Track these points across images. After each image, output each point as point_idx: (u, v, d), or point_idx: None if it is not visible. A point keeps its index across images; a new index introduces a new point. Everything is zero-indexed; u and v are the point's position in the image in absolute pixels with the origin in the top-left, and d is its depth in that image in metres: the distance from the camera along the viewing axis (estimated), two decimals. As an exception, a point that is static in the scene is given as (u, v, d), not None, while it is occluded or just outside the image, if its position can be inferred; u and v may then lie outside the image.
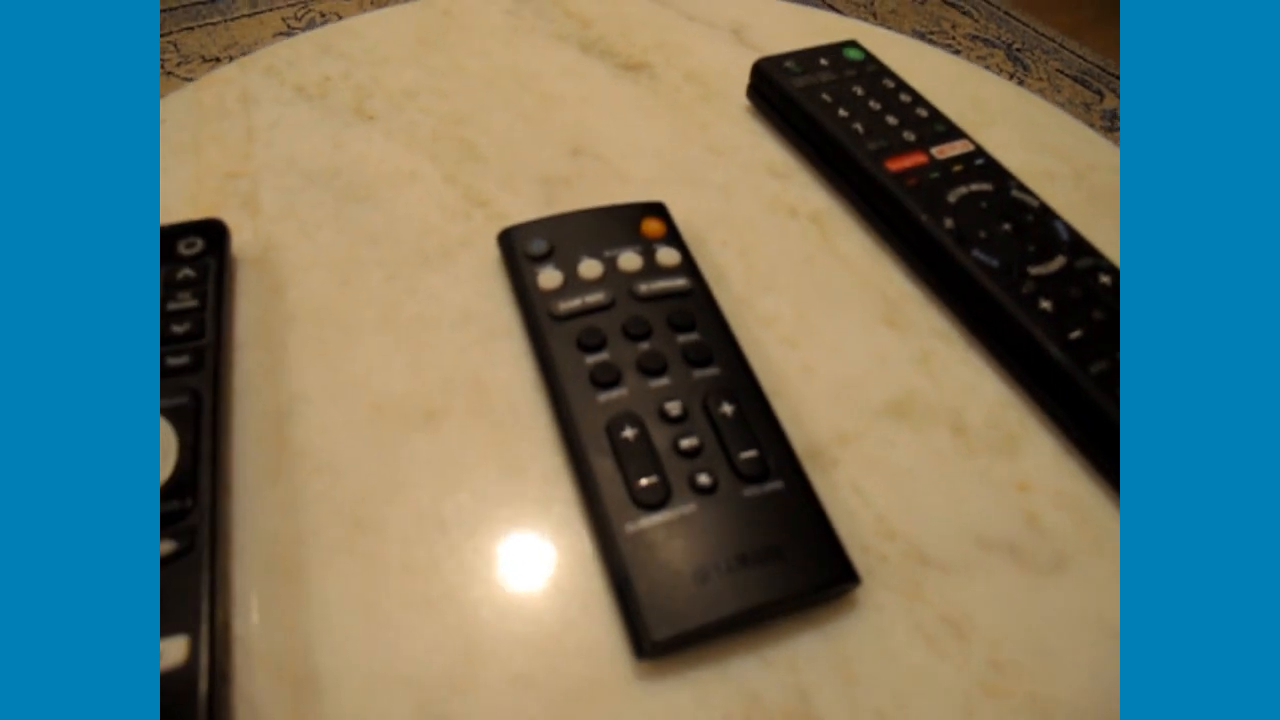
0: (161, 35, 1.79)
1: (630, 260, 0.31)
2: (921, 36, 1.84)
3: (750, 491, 0.25)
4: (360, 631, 0.23)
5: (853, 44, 0.42)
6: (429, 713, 0.22)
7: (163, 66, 1.72)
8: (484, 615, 0.24)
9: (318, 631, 0.23)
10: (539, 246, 0.31)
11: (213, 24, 1.82)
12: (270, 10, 1.85)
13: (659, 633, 0.23)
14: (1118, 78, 1.75)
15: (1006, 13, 1.92)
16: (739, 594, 0.23)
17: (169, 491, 0.24)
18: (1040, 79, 1.73)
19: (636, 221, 0.33)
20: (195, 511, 0.23)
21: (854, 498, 0.27)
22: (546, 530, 0.26)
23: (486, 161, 0.37)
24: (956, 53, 1.78)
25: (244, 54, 1.74)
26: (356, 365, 0.29)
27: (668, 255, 0.31)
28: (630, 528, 0.24)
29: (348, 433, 0.27)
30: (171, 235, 0.30)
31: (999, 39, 1.85)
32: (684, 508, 0.25)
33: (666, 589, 0.23)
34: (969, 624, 0.25)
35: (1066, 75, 1.74)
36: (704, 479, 0.25)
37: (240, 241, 0.33)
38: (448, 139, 0.38)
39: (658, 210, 0.33)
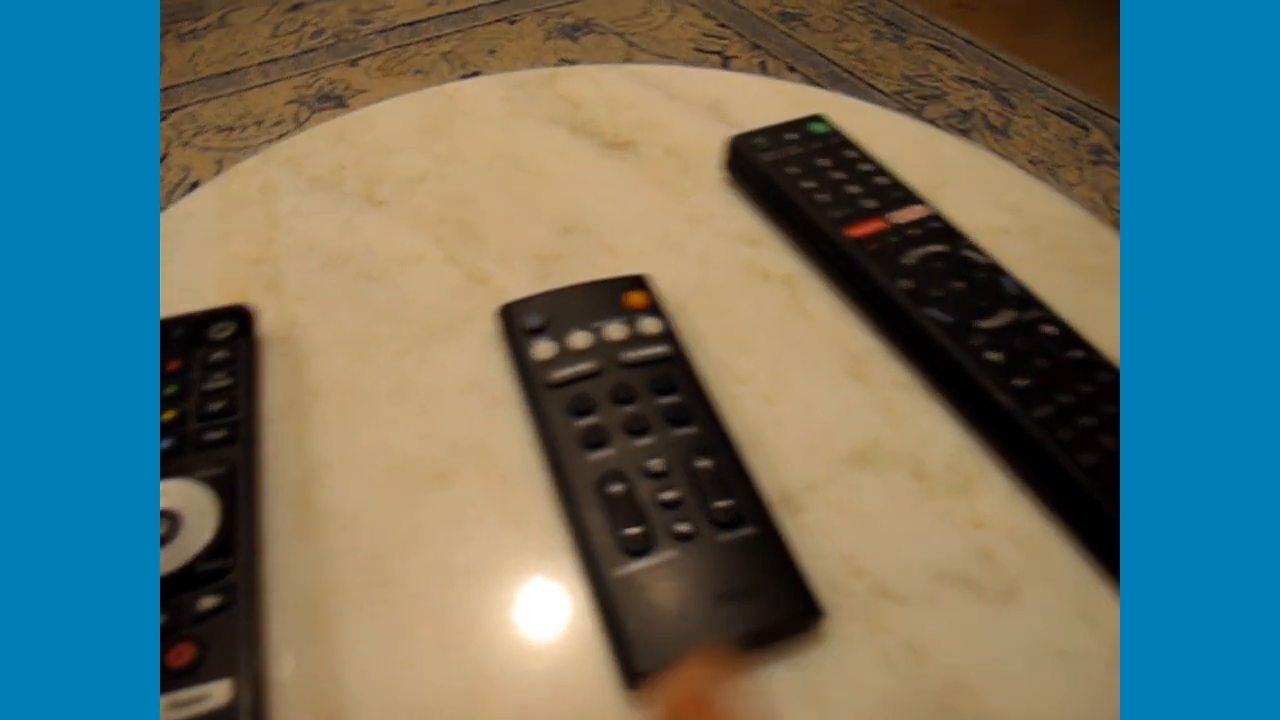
0: (179, 107, 1.86)
1: (616, 330, 0.34)
2: (910, 80, 1.89)
3: (725, 537, 0.28)
4: (382, 672, 0.26)
5: (818, 118, 0.46)
6: (444, 742, 0.25)
7: (180, 136, 1.78)
8: (491, 654, 0.27)
9: (344, 673, 0.26)
10: (534, 320, 0.35)
11: (227, 95, 1.89)
12: (280, 80, 1.92)
13: (642, 665, 0.26)
14: (1103, 113, 1.79)
15: (992, 54, 1.98)
16: (716, 629, 0.26)
17: (211, 553, 0.27)
18: (1027, 116, 1.77)
19: (620, 294, 0.36)
20: (235, 570, 0.27)
21: (822, 539, 0.30)
22: (545, 576, 0.29)
23: (485, 241, 0.40)
24: (943, 95, 1.83)
25: (256, 123, 1.81)
26: (374, 432, 0.33)
27: (650, 324, 0.35)
28: (618, 572, 0.28)
29: (367, 494, 0.31)
30: (204, 321, 0.34)
31: (985, 80, 1.90)
32: (666, 553, 0.28)
33: (651, 626, 0.26)
34: (927, 650, 0.28)
35: (1053, 112, 1.79)
36: (683, 527, 0.29)
37: (266, 321, 0.36)
38: (450, 221, 0.41)
39: (639, 283, 0.37)
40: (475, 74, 1.93)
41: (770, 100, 0.50)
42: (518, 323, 0.35)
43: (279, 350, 0.35)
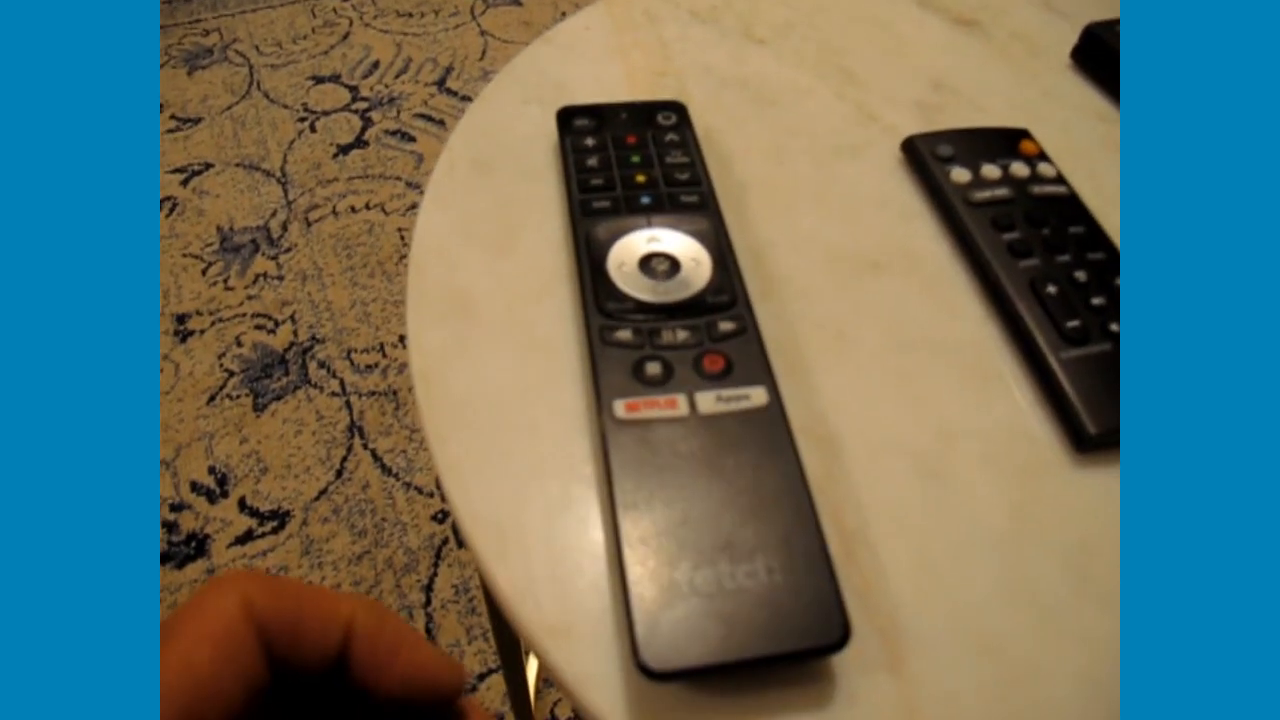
0: (360, -13, 1.90)
1: (1020, 169, 0.38)
2: None
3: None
4: (857, 410, 0.31)
5: (1168, 14, 0.48)
6: (922, 469, 0.29)
7: (361, 17, 1.84)
8: (949, 415, 0.31)
9: (826, 408, 0.31)
10: (945, 150, 0.38)
11: (405, -20, 1.93)
12: (457, -28, 1.95)
13: (1094, 428, 0.29)
14: None
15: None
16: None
17: (715, 288, 0.31)
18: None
19: (1015, 141, 0.39)
20: (738, 302, 0.31)
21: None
22: (985, 359, 0.33)
23: (866, 85, 0.44)
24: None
25: (434, 11, 1.85)
26: (807, 222, 0.37)
27: (1046, 169, 0.38)
28: (1064, 355, 0.31)
29: (812, 270, 0.35)
30: (650, 108, 0.38)
31: None
32: (1101, 346, 0.32)
33: (1097, 399, 0.30)
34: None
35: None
36: (1113, 326, 0.32)
37: (682, 128, 0.40)
38: (830, 65, 0.45)
39: (1028, 135, 0.40)
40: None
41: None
42: (929, 151, 0.38)
43: (704, 150, 0.39)
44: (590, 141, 0.37)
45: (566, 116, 0.38)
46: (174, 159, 1.53)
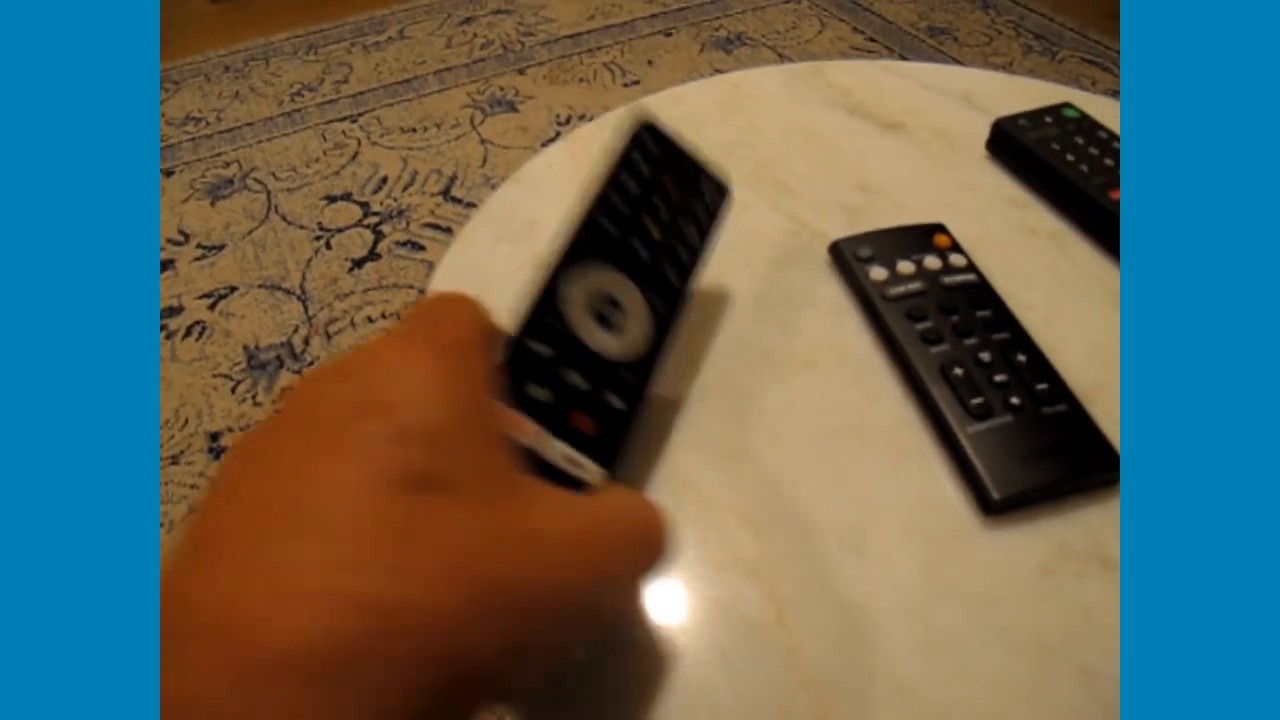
0: (367, 111, 2.02)
1: (932, 262, 0.43)
2: (1061, 97, 1.91)
3: (1045, 410, 0.36)
4: (790, 494, 0.35)
5: (1069, 105, 0.53)
6: (846, 543, 0.34)
7: (369, 136, 1.95)
8: (869, 492, 0.36)
9: (762, 495, 0.35)
10: (865, 251, 0.43)
11: (408, 100, 2.05)
12: (455, 86, 2.07)
13: (999, 492, 0.34)
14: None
15: (1146, 72, 1.98)
16: (1043, 473, 0.34)
17: (631, 366, 0.36)
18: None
19: (929, 236, 0.44)
20: (640, 388, 0.35)
21: (1111, 424, 0.38)
22: (901, 437, 0.37)
23: (797, 195, 0.49)
24: (1098, 111, 1.84)
25: (436, 125, 1.95)
26: (746, 330, 0.42)
27: (957, 259, 0.43)
28: (970, 429, 0.36)
29: (750, 372, 0.40)
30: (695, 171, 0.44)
31: (1139, 97, 1.90)
32: (1003, 419, 0.36)
33: (1000, 467, 0.35)
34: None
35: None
36: (1015, 400, 0.37)
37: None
38: (765, 179, 0.51)
39: (942, 229, 0.45)
40: (635, 83, 2.05)
41: (1013, 93, 0.58)
42: (851, 253, 0.44)
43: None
44: (645, 169, 0.36)
45: (646, 131, 0.37)
46: (201, 285, 1.62)
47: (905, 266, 0.43)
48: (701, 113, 0.56)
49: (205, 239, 1.72)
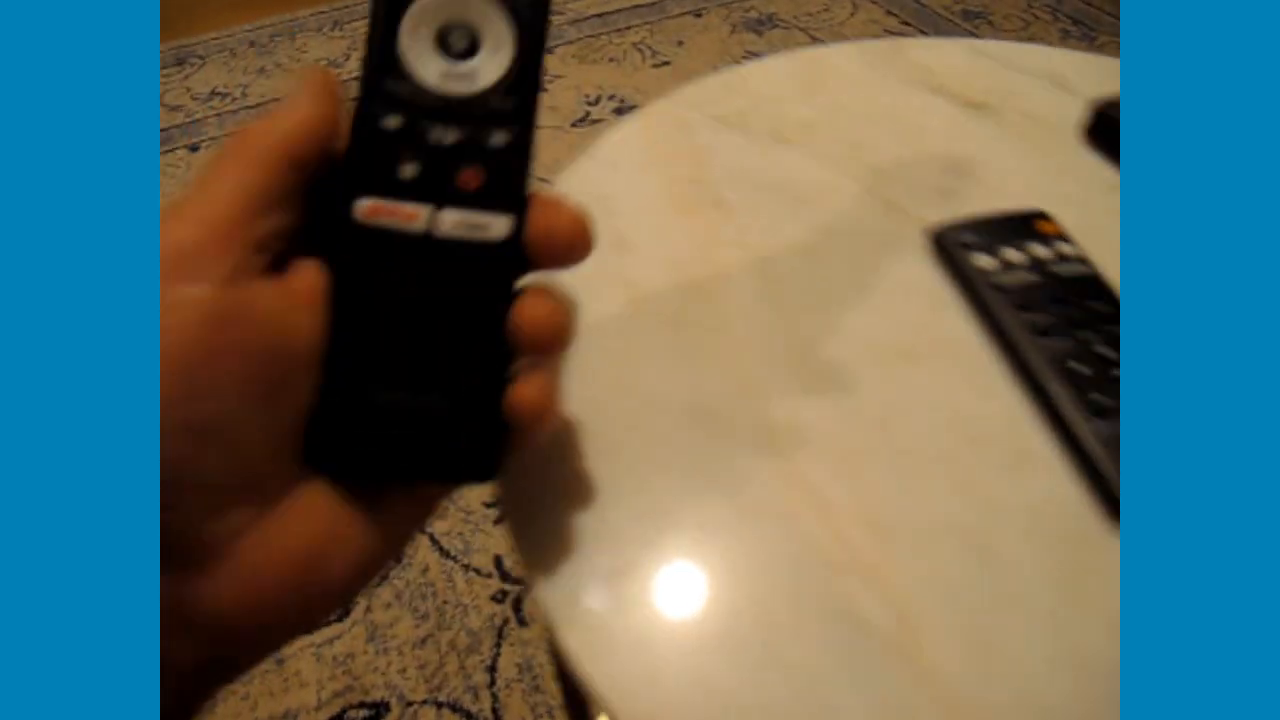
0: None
1: (1040, 250, 0.41)
2: (1101, 84, 1.87)
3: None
4: (905, 496, 0.33)
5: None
6: (970, 548, 0.32)
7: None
8: (983, 492, 0.33)
9: (876, 496, 0.33)
10: (968, 238, 0.41)
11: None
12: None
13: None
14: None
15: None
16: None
17: (504, 87, 0.25)
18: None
19: (1033, 223, 0.42)
20: (523, 112, 0.26)
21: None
22: (1017, 435, 0.35)
23: (890, 177, 0.47)
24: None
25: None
26: (846, 318, 0.40)
27: (1066, 248, 0.41)
28: (1093, 427, 0.34)
29: (855, 363, 0.38)
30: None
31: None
32: (1131, 419, 0.34)
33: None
34: None
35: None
36: (1142, 400, 0.34)
37: (722, 237, 0.44)
38: (854, 161, 0.48)
39: (1045, 216, 0.43)
40: (665, 64, 2.02)
41: (1097, 71, 0.55)
42: (952, 240, 0.41)
43: (740, 253, 0.43)
44: None
45: None
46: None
47: (1012, 254, 0.40)
48: (781, 89, 0.54)
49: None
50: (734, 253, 0.43)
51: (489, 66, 0.25)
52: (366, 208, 0.24)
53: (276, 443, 0.23)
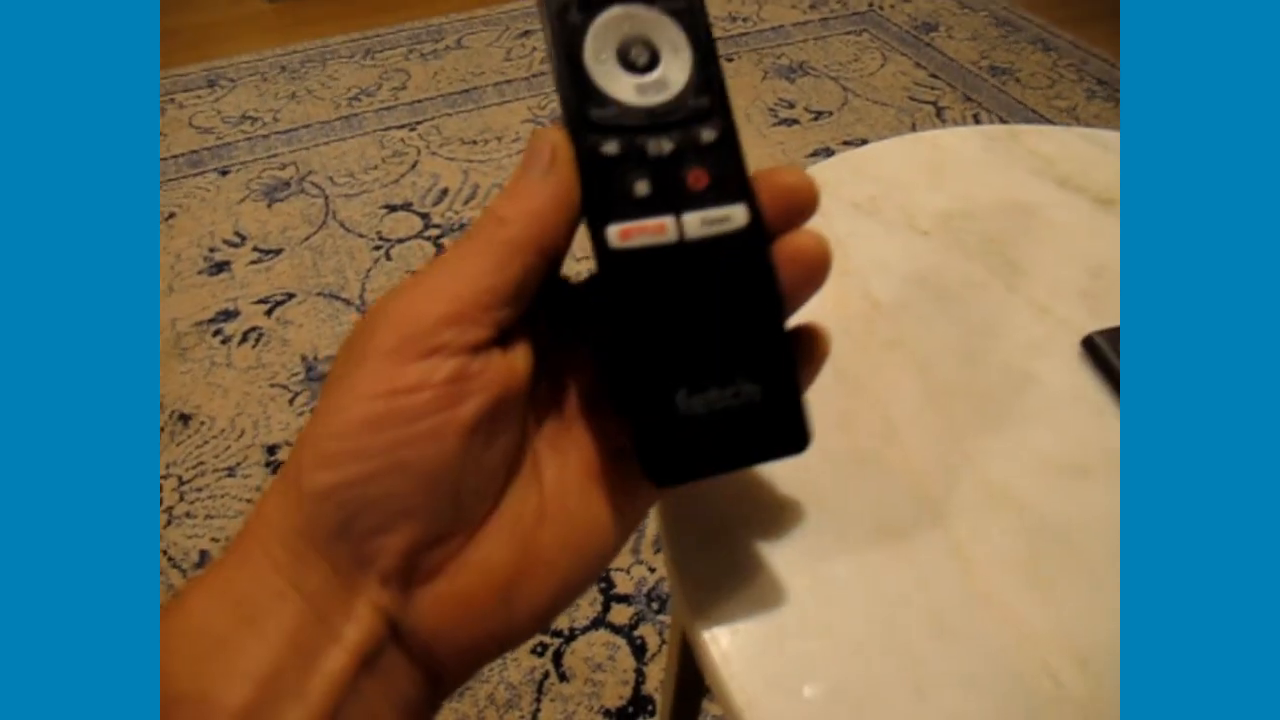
0: (426, 120, 2.00)
1: (1205, 362, 0.40)
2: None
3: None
4: (1108, 627, 0.32)
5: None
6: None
7: (428, 146, 1.92)
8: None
9: (1078, 625, 0.32)
10: (1131, 348, 0.41)
11: (467, 111, 2.03)
12: (515, 100, 2.05)
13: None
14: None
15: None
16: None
17: (695, 87, 0.27)
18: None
19: (1192, 332, 0.42)
20: (720, 106, 0.27)
21: None
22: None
23: (1031, 276, 0.47)
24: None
25: (496, 138, 1.93)
26: (1013, 429, 0.39)
27: (1229, 360, 0.40)
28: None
29: (1029, 479, 0.37)
30: None
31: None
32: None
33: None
34: None
35: None
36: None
37: (872, 330, 0.43)
38: (994, 255, 0.48)
39: (1202, 323, 0.42)
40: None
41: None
42: (1109, 348, 0.41)
43: (898, 352, 0.42)
44: None
45: None
46: (257, 290, 1.59)
47: (1180, 368, 0.40)
48: (908, 175, 0.53)
49: (262, 242, 1.70)
50: (893, 354, 0.42)
51: (674, 72, 0.27)
52: (618, 233, 0.25)
53: (488, 476, 0.26)
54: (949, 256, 0.48)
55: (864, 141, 1.92)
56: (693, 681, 0.69)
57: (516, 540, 0.26)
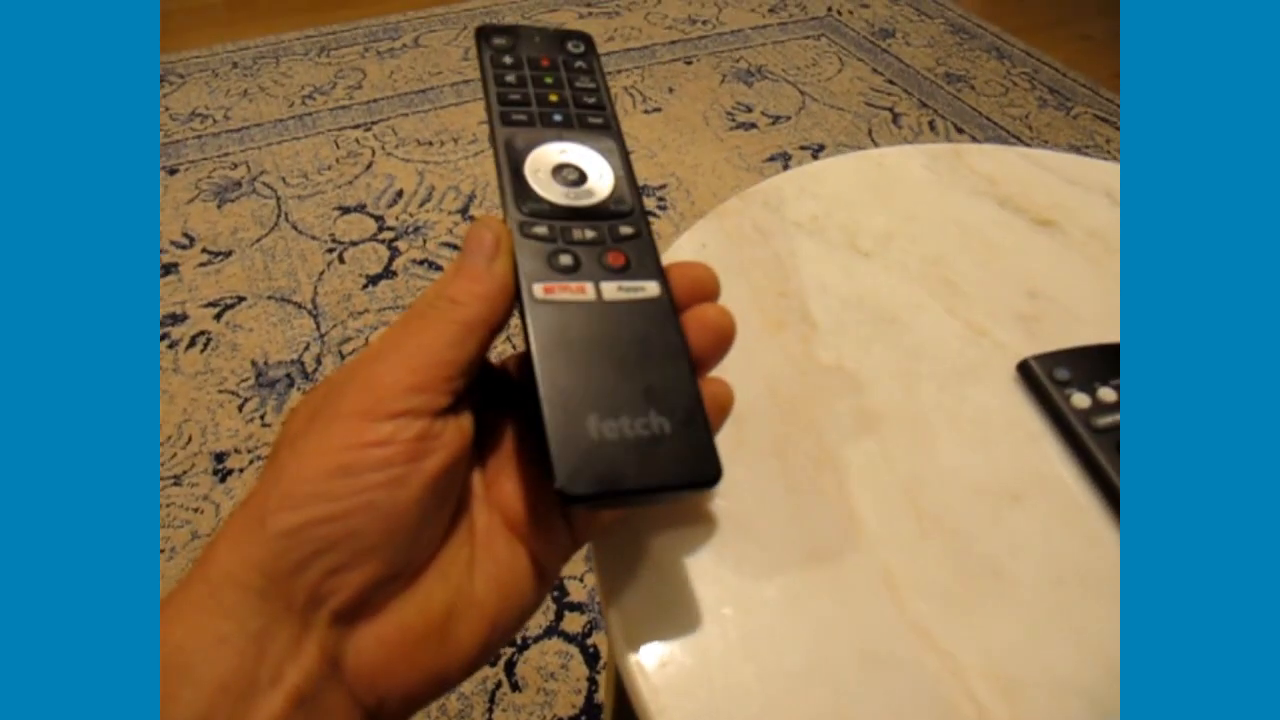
0: (381, 120, 1.98)
1: (1133, 388, 0.41)
2: (1077, 149, 1.93)
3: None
4: (1028, 651, 0.33)
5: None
6: (1097, 709, 0.31)
7: (384, 146, 1.90)
8: (1113, 648, 0.33)
9: (999, 650, 0.33)
10: (1062, 374, 0.41)
11: (424, 111, 2.01)
12: (474, 100, 2.04)
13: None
14: None
15: (1162, 136, 2.01)
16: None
17: (615, 198, 0.33)
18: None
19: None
20: (635, 212, 0.33)
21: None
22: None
23: (969, 298, 0.47)
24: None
25: (453, 139, 1.92)
26: (945, 455, 0.39)
27: (1157, 385, 0.41)
28: (1215, 592, 0.34)
29: (960, 505, 0.37)
30: (560, 36, 0.40)
31: (1157, 161, 1.92)
32: None
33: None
34: None
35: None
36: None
37: (810, 353, 0.43)
38: (933, 277, 0.48)
39: (1131, 348, 0.43)
40: (657, 110, 2.03)
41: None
42: (1044, 374, 0.42)
43: (835, 376, 0.42)
44: (508, 60, 0.38)
45: (486, 34, 0.39)
46: (206, 293, 1.57)
47: (1108, 394, 0.41)
48: (852, 193, 0.54)
49: (211, 244, 1.67)
50: (829, 378, 0.42)
51: (599, 187, 0.34)
52: (542, 288, 0.30)
53: (438, 525, 0.28)
54: (889, 278, 0.48)
55: (821, 146, 1.94)
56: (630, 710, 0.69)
57: (451, 583, 0.28)
